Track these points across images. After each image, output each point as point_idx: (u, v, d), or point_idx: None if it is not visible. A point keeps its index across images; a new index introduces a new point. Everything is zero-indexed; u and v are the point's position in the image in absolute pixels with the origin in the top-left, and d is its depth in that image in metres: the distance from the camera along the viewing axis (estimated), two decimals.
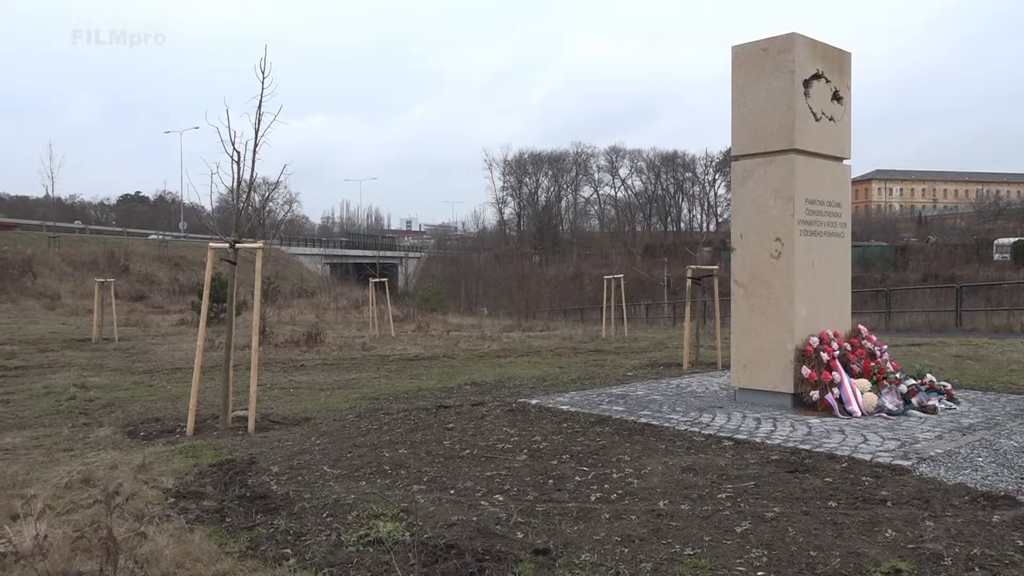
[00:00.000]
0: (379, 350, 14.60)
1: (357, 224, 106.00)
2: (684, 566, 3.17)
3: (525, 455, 5.13)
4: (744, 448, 5.15)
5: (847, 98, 7.11)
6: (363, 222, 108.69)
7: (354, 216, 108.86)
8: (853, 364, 6.54)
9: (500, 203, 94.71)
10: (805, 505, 3.90)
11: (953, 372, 8.83)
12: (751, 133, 6.83)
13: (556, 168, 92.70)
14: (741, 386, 6.94)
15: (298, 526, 3.84)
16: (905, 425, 5.83)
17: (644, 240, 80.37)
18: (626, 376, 9.41)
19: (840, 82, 7.01)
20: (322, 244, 78.02)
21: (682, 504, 3.97)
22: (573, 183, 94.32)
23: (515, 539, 3.55)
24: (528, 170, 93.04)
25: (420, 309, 32.19)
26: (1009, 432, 5.52)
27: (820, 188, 6.80)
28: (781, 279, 6.61)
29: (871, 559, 3.16)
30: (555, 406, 6.92)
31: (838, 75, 6.99)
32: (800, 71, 6.59)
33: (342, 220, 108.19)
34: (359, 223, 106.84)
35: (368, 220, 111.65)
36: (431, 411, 6.95)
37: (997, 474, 4.40)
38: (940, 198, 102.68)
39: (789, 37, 6.59)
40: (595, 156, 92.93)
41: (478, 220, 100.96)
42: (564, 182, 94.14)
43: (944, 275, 43.98)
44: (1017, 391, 7.65)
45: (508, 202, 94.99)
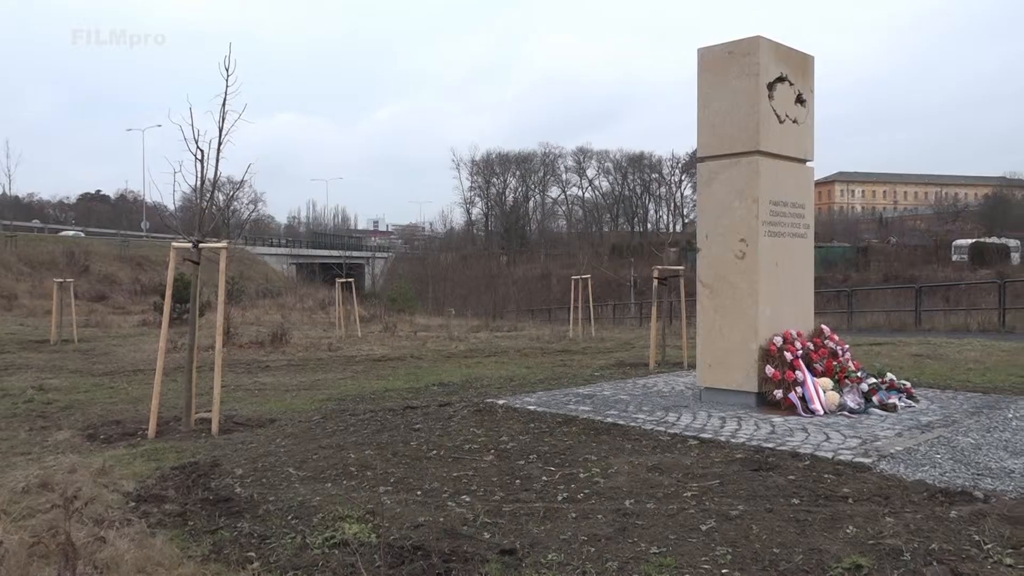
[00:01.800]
0: (345, 351, 14.50)
1: (323, 224, 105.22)
2: (650, 565, 3.19)
3: (492, 455, 5.13)
4: (709, 447, 5.20)
5: (810, 101, 7.21)
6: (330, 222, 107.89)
7: (320, 216, 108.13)
8: (816, 363, 6.63)
9: (468, 203, 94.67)
10: (769, 503, 3.94)
11: (913, 371, 9.00)
12: (716, 135, 6.89)
13: (524, 168, 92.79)
14: (706, 385, 7.00)
15: (262, 529, 3.80)
16: (866, 423, 5.93)
17: (611, 240, 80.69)
18: (593, 376, 9.45)
19: (803, 85, 7.10)
20: (288, 244, 77.26)
21: (648, 503, 4.00)
22: (541, 183, 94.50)
23: (482, 539, 3.54)
24: (496, 170, 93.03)
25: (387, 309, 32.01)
26: (966, 429, 5.64)
27: (784, 190, 6.89)
28: (746, 279, 6.68)
29: (833, 555, 3.21)
30: (522, 406, 6.93)
31: (801, 78, 7.08)
32: (764, 74, 6.67)
33: (308, 220, 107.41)
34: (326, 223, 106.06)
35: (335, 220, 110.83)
36: (398, 412, 6.91)
37: (954, 471, 4.49)
38: (901, 200, 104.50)
39: (754, 40, 6.67)
40: (563, 157, 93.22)
41: (446, 220, 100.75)
42: (532, 182, 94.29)
43: (904, 275, 44.76)
44: (973, 389, 7.81)
45: (476, 202, 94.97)
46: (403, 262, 77.73)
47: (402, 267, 73.91)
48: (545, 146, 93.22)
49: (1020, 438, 5.34)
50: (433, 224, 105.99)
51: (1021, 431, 5.58)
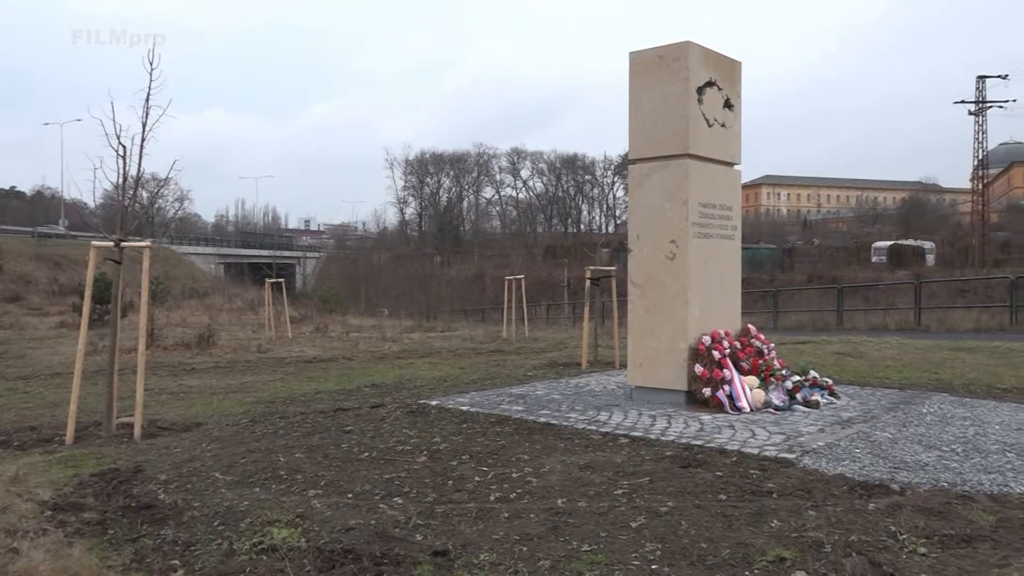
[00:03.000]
0: (275, 352, 14.23)
1: (253, 223, 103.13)
2: (581, 563, 3.22)
3: (425, 456, 5.10)
4: (640, 445, 5.28)
5: (738, 106, 7.38)
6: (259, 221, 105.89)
7: (250, 215, 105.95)
8: (742, 362, 6.79)
9: (401, 203, 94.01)
10: (697, 499, 4.02)
11: (834, 369, 9.29)
12: (647, 138, 7.00)
13: (458, 169, 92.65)
14: (637, 384, 7.10)
15: (187, 536, 3.69)
16: (790, 420, 6.10)
17: (545, 241, 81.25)
18: (526, 376, 9.49)
19: (731, 90, 7.27)
20: (215, 243, 75.43)
21: (580, 501, 4.03)
22: (475, 184, 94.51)
23: (414, 541, 3.52)
24: (430, 170, 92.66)
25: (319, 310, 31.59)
26: (884, 425, 5.85)
27: (712, 192, 7.04)
28: (676, 280, 6.80)
29: (758, 549, 3.29)
30: (455, 407, 6.91)
31: (729, 83, 7.24)
32: (694, 78, 6.80)
33: (237, 219, 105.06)
34: (255, 222, 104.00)
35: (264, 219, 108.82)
36: (329, 414, 6.82)
37: (873, 464, 4.65)
38: (824, 203, 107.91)
39: (684, 45, 6.79)
40: (497, 157, 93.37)
41: (379, 220, 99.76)
42: (466, 183, 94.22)
43: (827, 276, 46.22)
44: (891, 386, 8.11)
45: (409, 202, 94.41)
46: (335, 262, 76.79)
47: (334, 267, 73.05)
48: (479, 146, 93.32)
49: (934, 432, 5.57)
50: (366, 224, 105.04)
51: (935, 426, 5.82)
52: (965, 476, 4.37)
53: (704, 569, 3.14)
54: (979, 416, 6.19)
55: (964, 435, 5.46)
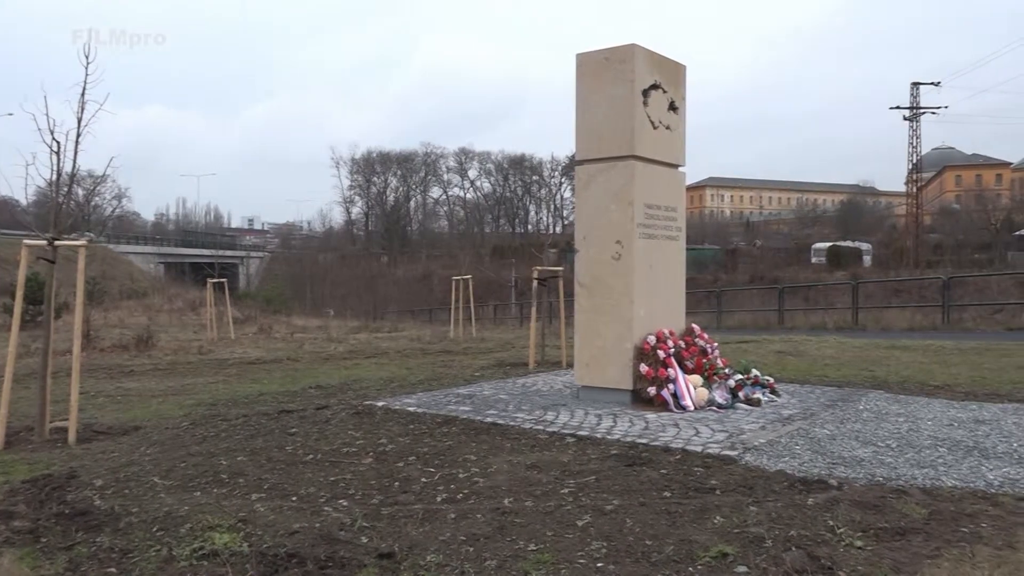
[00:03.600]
0: (217, 353, 13.96)
1: (194, 222, 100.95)
2: (528, 562, 3.23)
3: (371, 458, 5.06)
4: (586, 444, 5.31)
5: (682, 108, 7.48)
6: (201, 220, 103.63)
7: (191, 213, 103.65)
8: (687, 361, 6.89)
9: (347, 202, 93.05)
10: (642, 497, 4.07)
11: (775, 367, 9.49)
12: (594, 139, 7.05)
13: (405, 168, 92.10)
14: (584, 384, 7.15)
15: (124, 543, 3.59)
16: (733, 417, 6.20)
17: (492, 241, 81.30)
18: (473, 376, 9.48)
19: (676, 93, 7.36)
20: (155, 242, 73.68)
21: (526, 501, 4.04)
22: (422, 183, 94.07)
23: (359, 544, 3.48)
24: (377, 169, 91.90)
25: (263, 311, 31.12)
26: (823, 421, 6.00)
27: (657, 193, 7.12)
28: (621, 280, 6.86)
29: (701, 545, 3.34)
30: (402, 408, 6.86)
31: (674, 86, 7.34)
32: (640, 81, 6.87)
33: (178, 217, 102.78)
34: (196, 221, 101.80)
35: (206, 218, 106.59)
36: (273, 416, 6.71)
37: (812, 460, 4.77)
38: (766, 205, 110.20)
39: (629, 48, 6.85)
40: (444, 157, 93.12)
41: (324, 220, 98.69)
42: (413, 182, 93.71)
43: (769, 277, 47.11)
44: (830, 383, 8.32)
45: (356, 202, 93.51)
46: (280, 262, 75.68)
47: (278, 267, 71.97)
48: (427, 146, 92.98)
49: (870, 428, 5.73)
50: (311, 223, 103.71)
51: (871, 422, 5.99)
52: (899, 471, 4.51)
53: (649, 566, 3.17)
54: (913, 412, 6.39)
55: (898, 431, 5.63)
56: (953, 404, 6.85)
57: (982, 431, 5.59)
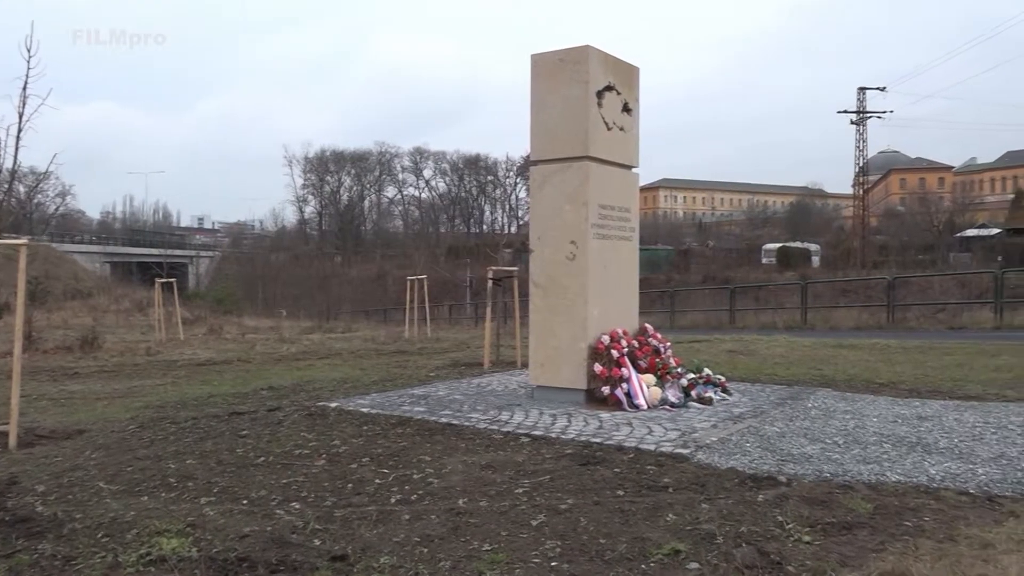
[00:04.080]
0: (166, 355, 13.69)
1: (142, 220, 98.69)
2: (482, 562, 3.22)
3: (324, 460, 5.00)
4: (540, 444, 5.33)
5: (636, 110, 7.55)
6: (149, 218, 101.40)
7: (139, 212, 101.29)
8: (640, 360, 6.95)
9: (300, 202, 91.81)
10: (596, 495, 4.09)
11: (727, 366, 9.62)
12: (548, 139, 7.07)
13: (359, 167, 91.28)
14: (538, 384, 7.17)
15: (68, 550, 3.50)
16: (685, 416, 6.28)
17: (448, 241, 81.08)
18: (428, 377, 9.44)
19: (630, 95, 7.43)
20: (101, 241, 71.95)
21: (481, 501, 4.04)
22: (377, 183, 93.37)
23: (312, 547, 3.44)
24: (330, 168, 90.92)
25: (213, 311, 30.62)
26: (772, 419, 6.11)
27: (611, 194, 7.17)
28: (576, 280, 6.90)
29: (654, 542, 3.38)
30: (355, 408, 6.81)
31: (628, 88, 7.40)
32: (594, 82, 6.91)
33: (125, 216, 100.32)
34: (144, 219, 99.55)
35: (155, 216, 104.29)
36: (223, 418, 6.60)
37: (762, 457, 4.85)
38: (718, 206, 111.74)
39: (584, 49, 6.89)
40: (399, 156, 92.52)
41: (277, 219, 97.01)
42: (367, 182, 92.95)
43: (721, 277, 47.75)
44: (779, 382, 8.47)
45: (309, 201, 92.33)
46: (230, 262, 74.45)
47: (229, 267, 70.80)
48: (381, 145, 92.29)
49: (818, 426, 5.85)
50: (263, 222, 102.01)
51: (819, 419, 6.11)
52: (846, 467, 4.61)
53: (602, 564, 3.19)
54: (859, 410, 6.54)
55: (845, 428, 5.75)
56: (897, 401, 7.02)
57: (925, 427, 5.74)
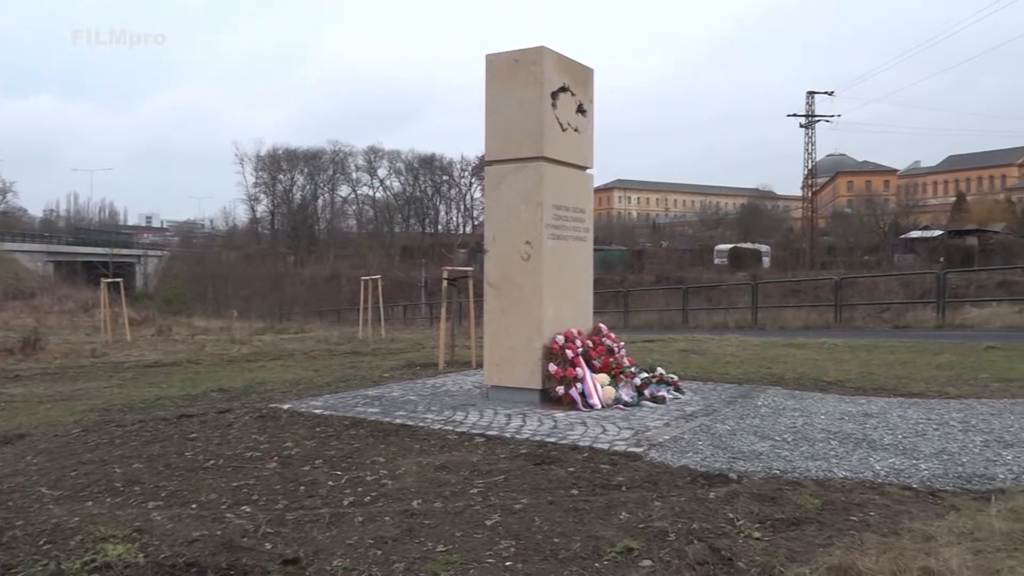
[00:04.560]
0: (112, 356, 13.38)
1: (88, 219, 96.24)
2: (436, 563, 3.21)
3: (275, 462, 4.94)
4: (495, 444, 5.33)
5: (590, 111, 7.59)
6: (95, 216, 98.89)
7: (84, 210, 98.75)
8: (594, 360, 6.99)
9: (252, 200, 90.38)
10: (550, 495, 4.10)
11: (679, 365, 9.74)
12: (503, 140, 7.08)
13: (312, 166, 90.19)
14: (493, 384, 7.17)
15: (7, 557, 3.39)
16: (639, 415, 6.34)
17: (402, 241, 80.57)
18: (382, 377, 9.38)
19: (584, 96, 7.47)
20: (44, 240, 69.82)
21: (435, 502, 4.02)
22: (330, 182, 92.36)
23: (263, 550, 3.39)
24: (283, 167, 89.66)
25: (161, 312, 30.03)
26: (724, 417, 6.19)
27: (566, 195, 7.20)
28: (531, 280, 6.91)
29: (607, 540, 3.40)
30: (308, 410, 6.73)
31: (582, 89, 7.44)
32: (548, 83, 6.93)
33: (69, 214, 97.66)
34: (90, 217, 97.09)
35: (101, 214, 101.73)
36: (171, 421, 6.47)
37: (713, 455, 4.91)
38: (671, 207, 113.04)
39: (539, 50, 6.91)
40: (353, 155, 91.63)
41: (228, 218, 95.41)
42: (321, 180, 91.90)
43: (674, 277, 48.24)
44: (731, 381, 8.60)
45: (261, 199, 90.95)
46: (180, 261, 73.01)
47: (179, 267, 69.41)
48: (335, 144, 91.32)
49: (768, 423, 5.95)
50: (214, 221, 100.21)
51: (769, 417, 6.22)
52: (795, 463, 4.70)
53: (556, 563, 3.20)
54: (807, 407, 6.67)
55: (794, 425, 5.86)
56: (844, 399, 7.18)
57: (870, 424, 5.88)
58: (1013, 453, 4.89)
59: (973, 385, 7.94)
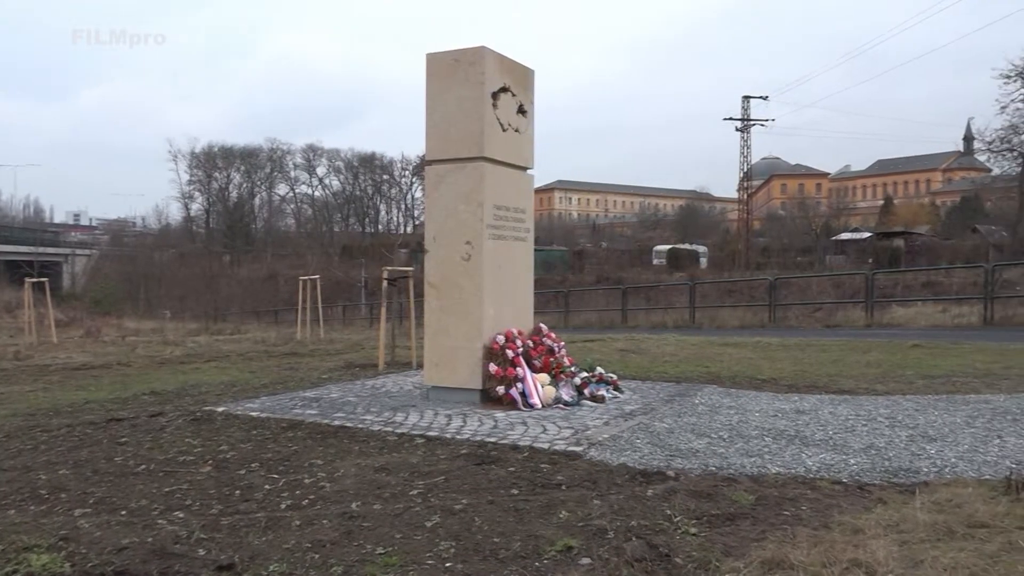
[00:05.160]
0: (37, 359, 12.89)
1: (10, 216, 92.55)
2: (375, 566, 3.18)
3: (210, 466, 4.83)
4: (435, 444, 5.31)
5: (531, 112, 7.62)
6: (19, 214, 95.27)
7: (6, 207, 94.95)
8: (535, 360, 7.02)
9: (186, 198, 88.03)
10: (491, 495, 4.10)
11: (619, 364, 9.85)
12: (444, 140, 7.05)
13: (249, 164, 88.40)
14: (434, 384, 7.14)
15: None
16: (579, 414, 6.38)
17: (342, 241, 79.56)
18: (321, 379, 9.25)
19: (525, 97, 7.49)
20: None
21: (375, 504, 3.98)
22: (268, 180, 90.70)
23: (196, 557, 3.31)
24: (218, 164, 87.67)
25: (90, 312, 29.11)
26: (662, 416, 6.28)
27: (507, 195, 7.22)
28: (471, 281, 6.91)
29: (547, 539, 3.41)
30: (244, 412, 6.60)
31: (523, 90, 7.46)
32: (489, 83, 6.93)
33: None
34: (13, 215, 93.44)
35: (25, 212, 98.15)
36: (100, 425, 6.27)
37: (652, 453, 4.98)
38: (611, 208, 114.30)
39: (479, 50, 6.91)
40: (291, 153, 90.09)
41: (161, 216, 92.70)
42: (258, 178, 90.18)
43: (613, 277, 48.66)
44: (669, 379, 8.73)
45: (195, 198, 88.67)
46: (110, 260, 70.79)
47: (109, 266, 67.26)
48: (272, 141, 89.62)
49: (704, 421, 6.06)
50: (146, 220, 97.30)
51: (705, 415, 6.33)
52: (730, 460, 4.79)
53: (496, 563, 3.20)
54: (742, 405, 6.81)
55: (730, 423, 5.98)
56: (778, 396, 7.36)
57: (803, 420, 6.04)
58: (936, 447, 5.08)
59: (899, 382, 8.22)
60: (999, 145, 35.81)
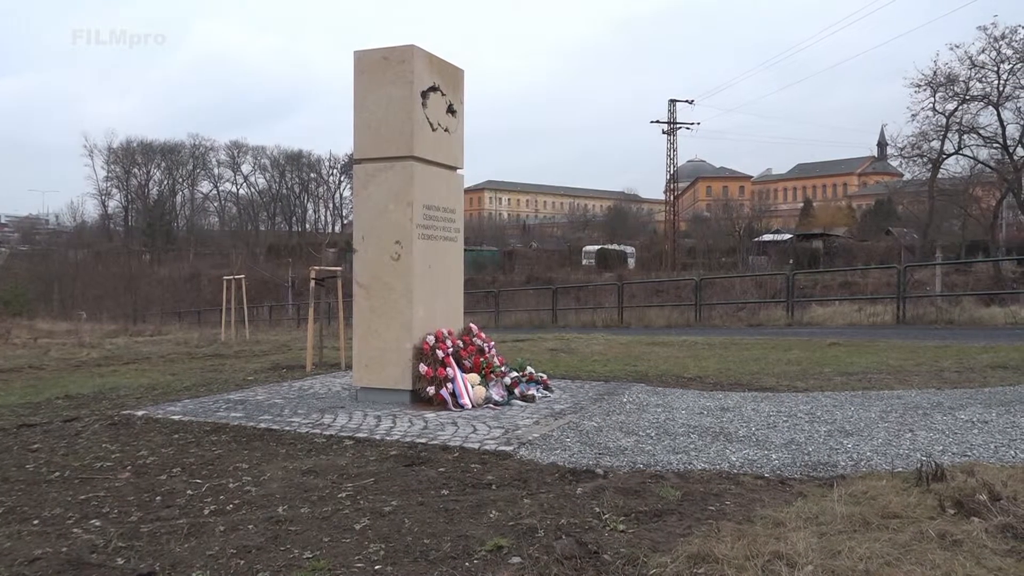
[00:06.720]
0: None
1: None
2: (303, 570, 3.12)
3: (129, 472, 4.67)
4: (365, 446, 5.25)
5: (461, 112, 7.60)
6: None
7: None
8: (465, 360, 7.01)
9: (103, 195, 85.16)
10: (421, 496, 4.08)
11: (549, 364, 9.92)
12: (372, 138, 6.98)
13: (170, 160, 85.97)
14: (363, 385, 7.06)
15: None
16: (509, 414, 6.40)
17: (268, 240, 78.04)
18: (246, 381, 9.05)
19: (455, 97, 7.47)
20: None
21: (302, 508, 3.92)
22: (190, 177, 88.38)
23: (114, 566, 3.20)
24: (138, 160, 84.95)
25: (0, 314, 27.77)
26: (591, 415, 6.35)
27: (436, 195, 7.19)
28: (401, 281, 6.86)
29: (477, 539, 3.41)
30: (165, 416, 6.41)
31: (453, 90, 7.44)
32: (419, 82, 6.89)
33: None
34: None
35: None
36: (10, 431, 6.00)
37: (581, 452, 5.03)
38: (541, 209, 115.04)
39: (409, 49, 6.86)
40: (215, 150, 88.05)
41: (76, 213, 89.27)
42: (180, 175, 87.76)
43: (544, 277, 49.05)
44: (598, 378, 8.83)
45: (113, 194, 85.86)
46: (21, 259, 67.73)
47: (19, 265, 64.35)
48: (195, 137, 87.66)
49: (632, 419, 6.15)
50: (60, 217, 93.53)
51: (634, 413, 6.43)
52: (657, 457, 4.88)
53: (426, 564, 3.19)
54: (669, 403, 6.94)
55: (657, 420, 6.09)
56: (703, 394, 7.52)
57: (727, 417, 6.18)
58: (853, 441, 5.27)
59: (818, 379, 8.50)
60: (910, 151, 37.36)
